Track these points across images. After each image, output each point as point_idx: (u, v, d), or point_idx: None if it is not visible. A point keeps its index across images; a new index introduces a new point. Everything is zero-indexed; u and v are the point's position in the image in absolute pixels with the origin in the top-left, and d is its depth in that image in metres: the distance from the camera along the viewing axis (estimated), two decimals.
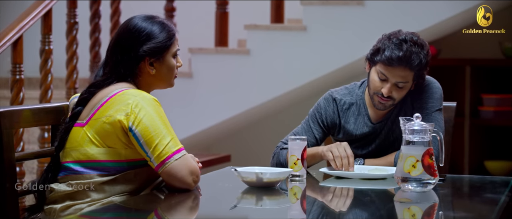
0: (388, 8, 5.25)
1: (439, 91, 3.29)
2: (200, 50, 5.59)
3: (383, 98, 3.20)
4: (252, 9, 6.25)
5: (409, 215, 2.57)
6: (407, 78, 3.16)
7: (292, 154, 3.01)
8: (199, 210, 2.67)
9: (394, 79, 3.16)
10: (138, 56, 2.80)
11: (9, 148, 2.77)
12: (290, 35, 5.43)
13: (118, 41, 2.84)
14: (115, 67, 2.82)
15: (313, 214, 2.59)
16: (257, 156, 6.06)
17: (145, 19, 2.85)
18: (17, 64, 4.40)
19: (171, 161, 2.71)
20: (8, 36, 4.31)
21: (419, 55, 3.14)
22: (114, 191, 2.76)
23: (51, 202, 2.79)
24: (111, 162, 2.75)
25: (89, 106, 2.79)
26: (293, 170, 2.99)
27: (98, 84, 2.82)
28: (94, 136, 2.75)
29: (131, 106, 2.71)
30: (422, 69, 3.17)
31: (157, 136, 2.71)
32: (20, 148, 4.27)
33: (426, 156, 2.75)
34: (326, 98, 3.38)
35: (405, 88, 3.19)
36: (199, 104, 5.56)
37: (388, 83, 3.17)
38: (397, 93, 3.19)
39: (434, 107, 3.25)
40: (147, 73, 2.84)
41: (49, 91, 4.61)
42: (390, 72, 3.16)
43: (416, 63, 3.13)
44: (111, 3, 5.32)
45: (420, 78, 3.22)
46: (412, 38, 3.17)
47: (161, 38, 2.83)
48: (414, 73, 3.16)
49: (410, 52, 3.13)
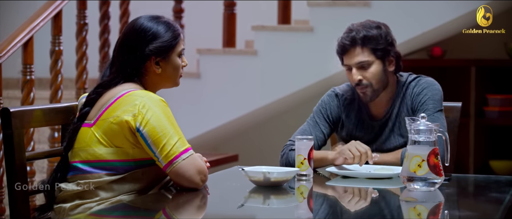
0: (394, 9, 5.26)
1: (440, 93, 3.31)
2: (208, 51, 5.61)
3: (359, 87, 3.26)
4: (259, 10, 6.26)
5: (415, 214, 2.57)
6: (366, 56, 3.23)
7: (299, 154, 3.02)
8: (207, 209, 2.68)
9: (354, 61, 3.24)
10: (144, 55, 2.82)
11: (20, 148, 2.80)
12: (297, 36, 5.45)
13: (124, 41, 2.86)
14: (122, 67, 2.84)
15: (320, 214, 2.60)
16: (264, 155, 6.07)
17: (150, 19, 2.87)
18: (27, 65, 4.42)
19: (179, 160, 2.73)
20: (19, 37, 4.32)
21: (368, 30, 3.23)
22: (123, 190, 2.77)
23: (60, 201, 2.81)
24: (119, 162, 2.77)
25: (97, 107, 2.81)
26: (300, 170, 3.01)
27: (105, 84, 2.84)
28: (102, 136, 2.76)
29: (138, 107, 2.73)
30: (378, 43, 3.23)
31: (165, 136, 2.73)
32: (31, 148, 4.28)
33: (431, 155, 2.75)
34: (329, 94, 3.43)
35: (373, 68, 3.25)
36: (207, 105, 5.58)
37: (353, 70, 3.25)
38: (367, 75, 3.24)
39: (436, 108, 3.28)
40: (153, 73, 2.86)
41: (59, 91, 4.63)
42: (348, 59, 3.26)
43: (362, 36, 3.22)
44: (120, 4, 5.34)
45: (389, 55, 3.26)
46: (361, 23, 3.27)
47: (167, 38, 2.85)
48: (371, 50, 3.23)
49: (356, 32, 3.23)
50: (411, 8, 5.26)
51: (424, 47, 6.06)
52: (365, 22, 3.28)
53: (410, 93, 3.31)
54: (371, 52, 3.23)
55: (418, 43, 5.69)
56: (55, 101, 4.58)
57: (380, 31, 3.24)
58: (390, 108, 3.34)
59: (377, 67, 3.24)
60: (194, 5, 6.21)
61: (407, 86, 3.34)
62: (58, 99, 4.61)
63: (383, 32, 3.25)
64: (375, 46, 3.23)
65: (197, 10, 6.31)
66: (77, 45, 4.94)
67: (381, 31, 3.25)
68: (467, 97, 5.78)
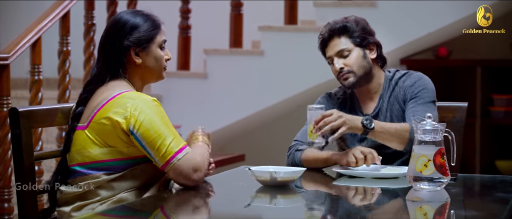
0: (400, 9, 5.26)
1: (432, 85, 3.34)
2: (215, 51, 5.62)
3: (341, 74, 3.32)
4: (266, 10, 6.27)
5: (421, 213, 2.58)
6: (344, 44, 3.32)
7: (311, 122, 3.09)
8: (214, 208, 2.70)
9: (334, 51, 3.33)
10: (123, 47, 2.85)
11: (28, 147, 2.82)
12: (304, 36, 5.47)
13: (106, 36, 2.90)
14: (106, 61, 2.87)
15: (326, 213, 2.62)
16: (271, 155, 6.08)
17: (130, 12, 2.92)
18: (36, 65, 4.44)
19: (175, 161, 2.76)
20: (27, 37, 4.34)
21: (344, 22, 3.33)
22: (122, 188, 2.79)
23: (62, 204, 2.83)
24: (115, 161, 2.79)
25: (89, 109, 2.83)
26: (310, 138, 3.08)
27: (93, 80, 2.88)
28: (96, 137, 2.78)
29: (130, 109, 2.75)
30: (355, 31, 3.31)
31: (159, 137, 2.75)
32: (39, 147, 4.31)
33: (437, 155, 2.75)
34: (323, 96, 3.48)
35: (353, 55, 3.32)
36: (213, 104, 5.59)
37: (334, 59, 3.33)
38: (349, 62, 3.31)
39: (430, 97, 3.29)
40: (134, 64, 2.88)
41: (67, 91, 4.65)
42: (329, 50, 3.35)
43: (339, 26, 3.32)
44: (128, 4, 5.35)
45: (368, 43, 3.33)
46: (339, 18, 3.36)
47: (145, 28, 2.87)
48: (348, 37, 3.31)
49: (333, 24, 3.34)
50: (417, 9, 5.27)
51: (430, 48, 6.06)
52: (342, 18, 3.38)
53: (402, 86, 3.34)
54: (349, 39, 3.32)
55: (424, 43, 5.69)
56: (63, 101, 4.60)
57: (357, 21, 3.35)
58: (379, 102, 3.36)
59: (357, 53, 3.32)
60: (201, 5, 6.22)
61: (396, 81, 3.37)
62: (66, 99, 4.63)
63: (360, 22, 3.35)
64: (352, 34, 3.32)
65: (204, 11, 6.32)
66: (85, 45, 4.96)
67: (357, 21, 3.35)
68: (473, 97, 5.79)
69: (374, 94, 3.38)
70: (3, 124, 4.17)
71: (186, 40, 5.69)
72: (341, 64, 3.31)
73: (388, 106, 3.34)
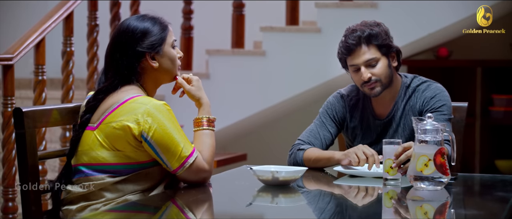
0: (401, 10, 5.27)
1: (451, 102, 3.32)
2: (217, 51, 5.63)
3: (368, 84, 3.27)
4: (267, 11, 6.28)
5: (422, 213, 2.58)
6: (372, 53, 3.26)
7: (388, 158, 2.91)
8: (215, 207, 2.70)
9: (362, 60, 3.26)
10: (138, 54, 2.84)
11: (32, 147, 2.82)
12: (305, 37, 5.48)
13: (114, 44, 2.87)
14: (118, 70, 2.85)
15: (327, 213, 2.63)
16: (272, 155, 6.10)
17: (136, 18, 2.90)
18: (39, 66, 4.46)
19: (187, 165, 2.79)
20: (31, 38, 4.36)
21: (370, 29, 3.26)
22: (127, 190, 2.80)
23: (67, 203, 2.84)
24: (121, 165, 2.80)
25: (100, 110, 2.82)
26: (389, 174, 2.91)
27: (104, 90, 2.85)
28: (104, 139, 2.78)
29: (142, 115, 2.75)
30: (381, 39, 3.26)
31: (172, 142, 2.77)
32: (43, 147, 4.33)
33: (438, 155, 2.76)
34: (334, 96, 3.45)
35: (381, 64, 3.27)
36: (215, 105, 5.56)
37: (361, 69, 3.26)
38: (376, 71, 3.26)
39: (449, 115, 3.28)
40: (151, 69, 2.87)
41: (70, 91, 4.67)
42: (355, 59, 3.26)
43: (367, 34, 3.25)
44: (131, 5, 5.37)
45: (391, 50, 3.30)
46: (359, 24, 3.30)
47: (156, 32, 2.87)
48: (376, 46, 3.26)
49: (360, 32, 3.25)
50: (417, 9, 5.28)
51: (431, 48, 6.08)
52: (363, 22, 3.32)
53: (420, 96, 3.32)
54: (377, 49, 3.27)
55: (425, 44, 5.71)
56: (67, 101, 4.61)
57: (381, 28, 3.29)
58: (394, 108, 3.35)
59: (383, 63, 3.27)
60: (203, 6, 6.24)
61: (414, 89, 3.34)
62: (70, 99, 4.64)
63: (383, 29, 3.30)
64: (380, 43, 3.27)
65: (206, 11, 6.34)
66: (88, 46, 4.98)
67: (381, 28, 3.29)
68: (473, 97, 5.80)
69: (389, 100, 3.37)
70: (7, 124, 4.20)
71: (189, 41, 5.70)
72: (369, 74, 3.26)
73: (403, 114, 3.34)
